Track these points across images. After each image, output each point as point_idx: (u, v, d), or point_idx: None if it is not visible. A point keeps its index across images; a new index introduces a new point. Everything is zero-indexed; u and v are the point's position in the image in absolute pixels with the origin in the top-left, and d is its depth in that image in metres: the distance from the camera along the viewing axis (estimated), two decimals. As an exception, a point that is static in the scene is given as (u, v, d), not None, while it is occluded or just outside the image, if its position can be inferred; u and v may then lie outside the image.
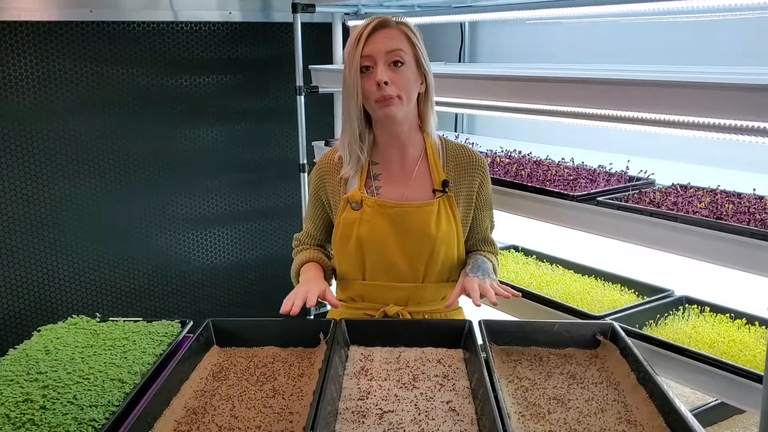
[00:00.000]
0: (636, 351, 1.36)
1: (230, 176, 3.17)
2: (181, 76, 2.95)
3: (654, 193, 1.69)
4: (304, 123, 2.88)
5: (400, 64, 1.50)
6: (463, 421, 1.20)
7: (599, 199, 1.66)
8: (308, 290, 1.52)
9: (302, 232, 1.79)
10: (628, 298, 1.89)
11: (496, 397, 1.17)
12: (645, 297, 1.88)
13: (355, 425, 1.18)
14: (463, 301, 1.78)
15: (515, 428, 1.15)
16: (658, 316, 1.76)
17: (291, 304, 1.48)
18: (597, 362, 1.43)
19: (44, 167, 2.76)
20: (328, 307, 1.82)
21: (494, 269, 1.67)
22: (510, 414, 1.19)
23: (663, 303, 1.82)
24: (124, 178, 2.93)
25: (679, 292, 1.89)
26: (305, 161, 2.93)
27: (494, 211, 1.71)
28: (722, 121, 1.38)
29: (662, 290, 1.89)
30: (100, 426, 1.13)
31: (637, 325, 1.67)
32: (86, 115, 2.80)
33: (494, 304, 1.51)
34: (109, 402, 1.20)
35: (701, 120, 1.41)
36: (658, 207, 1.55)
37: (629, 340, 1.41)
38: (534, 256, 2.30)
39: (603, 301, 1.84)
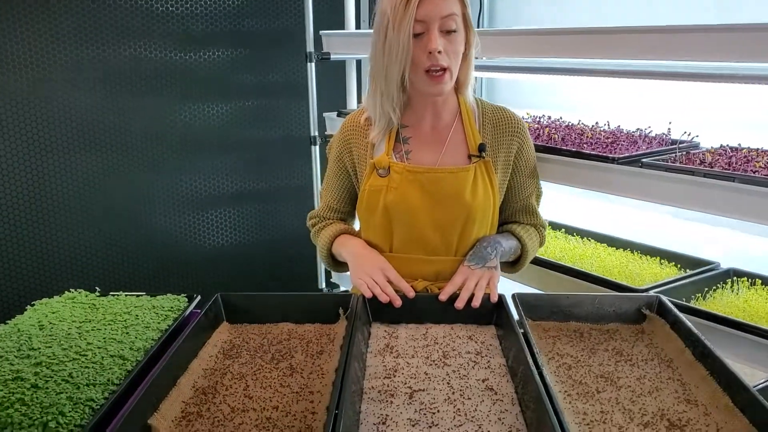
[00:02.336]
0: (690, 325, 1.25)
1: (236, 154, 3.05)
2: (184, 50, 2.83)
3: (704, 154, 1.57)
4: (315, 92, 2.76)
5: (452, 32, 1.38)
6: (503, 401, 1.09)
7: (644, 161, 1.54)
8: (385, 268, 1.44)
9: (321, 207, 1.67)
10: (670, 271, 1.77)
11: (540, 375, 1.07)
12: (687, 270, 1.76)
13: (383, 405, 1.08)
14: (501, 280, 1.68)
15: (563, 408, 1.04)
16: (706, 289, 1.64)
17: (385, 295, 1.38)
18: (644, 338, 1.32)
19: (43, 142, 2.66)
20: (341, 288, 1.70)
21: (522, 247, 1.56)
22: (554, 393, 1.09)
23: (709, 276, 1.70)
24: (125, 155, 2.82)
25: (723, 265, 1.77)
26: (316, 133, 2.81)
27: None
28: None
29: (707, 263, 1.77)
30: (98, 406, 1.03)
31: (683, 299, 1.55)
32: (87, 91, 2.69)
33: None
34: (108, 381, 1.10)
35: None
36: (712, 168, 1.43)
37: (681, 314, 1.30)
38: (562, 230, 2.18)
39: (642, 275, 1.73)
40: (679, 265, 1.80)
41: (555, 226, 2.22)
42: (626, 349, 1.28)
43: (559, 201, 2.04)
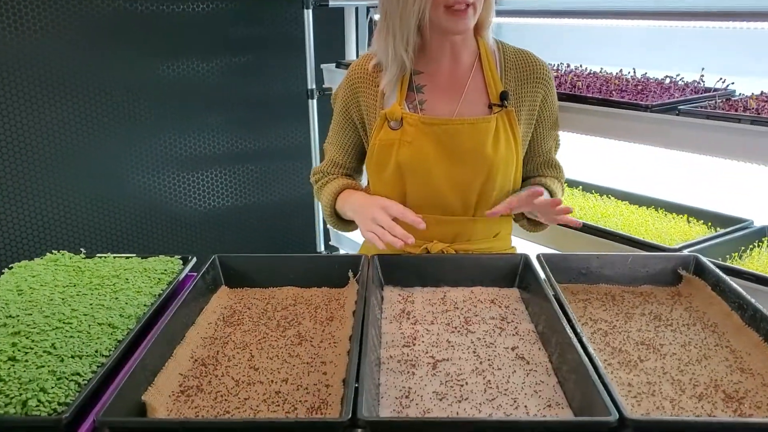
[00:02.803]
0: (736, 286, 1.15)
1: (230, 111, 2.88)
2: (173, 1, 2.64)
3: (746, 100, 1.45)
4: (312, 43, 2.60)
5: None
6: (537, 371, 0.99)
7: (682, 108, 1.41)
8: (386, 206, 1.29)
9: (325, 162, 1.54)
10: (700, 230, 1.67)
11: (581, 342, 0.96)
12: (718, 229, 1.65)
13: (404, 377, 0.98)
14: (517, 242, 1.56)
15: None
16: (742, 248, 1.54)
17: (393, 237, 1.24)
18: (682, 301, 1.22)
19: (23, 98, 2.49)
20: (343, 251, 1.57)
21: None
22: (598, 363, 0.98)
23: (744, 234, 1.60)
24: (112, 112, 2.66)
25: (757, 223, 1.66)
26: (314, 86, 2.66)
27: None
28: None
29: (739, 220, 1.66)
30: (85, 382, 0.92)
31: (719, 259, 1.45)
32: (71, 44, 2.51)
33: (575, 225, 1.29)
34: (96, 352, 0.99)
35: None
36: (759, 115, 1.31)
37: (723, 274, 1.20)
38: (580, 187, 2.07)
39: (671, 234, 1.62)
40: (709, 223, 1.69)
41: (571, 183, 2.11)
42: (664, 313, 1.18)
43: (572, 156, 1.92)
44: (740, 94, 1.61)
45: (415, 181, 1.37)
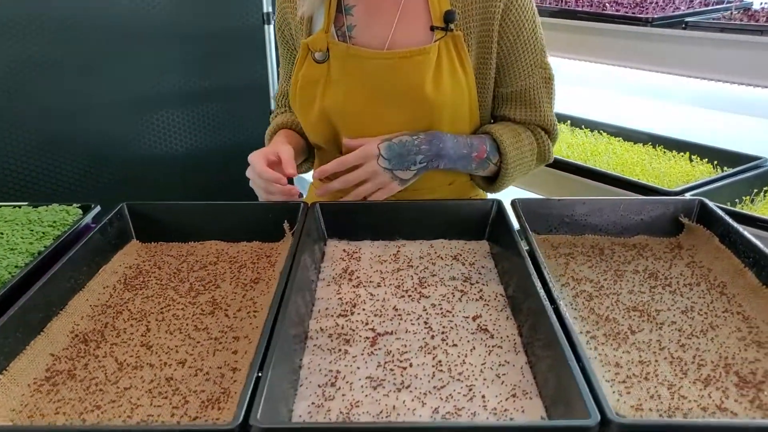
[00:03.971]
0: (749, 236, 0.95)
1: (180, 47, 2.59)
2: None
3: (765, 11, 1.22)
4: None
5: None
6: (502, 348, 0.80)
7: (689, 20, 1.19)
8: (252, 161, 1.08)
9: (276, 93, 1.35)
10: (704, 170, 1.46)
11: (557, 311, 0.77)
12: (726, 168, 1.45)
13: (334, 356, 0.79)
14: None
15: (588, 358, 0.75)
16: (755, 191, 1.34)
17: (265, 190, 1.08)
18: (683, 255, 1.03)
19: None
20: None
21: (502, 158, 1.16)
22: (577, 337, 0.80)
23: (755, 175, 1.40)
24: (52, 50, 2.36)
25: (771, 161, 1.47)
26: (270, 9, 2.38)
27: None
28: None
29: (751, 158, 1.46)
30: None
31: (727, 204, 1.25)
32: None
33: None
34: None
35: None
36: (782, 27, 1.09)
37: (733, 222, 1.00)
38: (568, 122, 1.85)
39: (671, 175, 1.42)
40: (715, 162, 1.49)
41: (559, 118, 1.89)
42: (662, 270, 0.99)
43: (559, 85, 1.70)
44: (762, 3, 1.38)
45: (346, 127, 1.14)
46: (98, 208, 1.13)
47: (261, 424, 0.58)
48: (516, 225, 1.03)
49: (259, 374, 0.66)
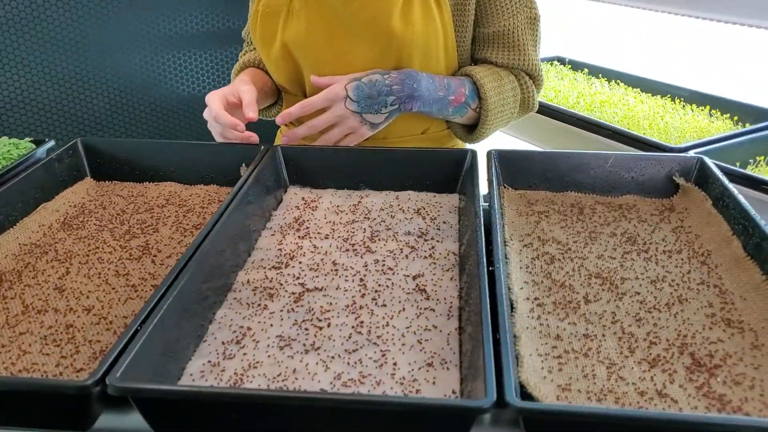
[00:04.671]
0: (742, 200, 0.85)
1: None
2: None
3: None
4: None
5: None
6: (435, 311, 0.73)
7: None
8: (208, 100, 1.01)
9: (244, 28, 1.26)
10: (723, 125, 1.33)
11: (492, 273, 0.69)
12: (747, 124, 1.31)
13: (250, 311, 0.73)
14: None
15: (521, 328, 0.68)
16: (772, 151, 1.21)
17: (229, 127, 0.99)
18: (672, 218, 0.93)
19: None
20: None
21: (483, 102, 1.05)
22: (517, 301, 0.72)
23: (776, 132, 1.26)
24: None
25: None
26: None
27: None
28: None
29: (774, 114, 1.31)
30: None
31: (737, 164, 1.13)
32: None
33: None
34: None
35: None
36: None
37: (730, 184, 0.89)
38: (585, 70, 1.72)
39: (684, 129, 1.29)
40: (736, 117, 1.35)
41: (575, 66, 1.75)
42: (643, 233, 0.89)
43: (581, 33, 1.56)
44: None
45: (309, 66, 1.05)
46: (52, 143, 1.09)
47: (118, 383, 0.53)
48: (487, 176, 0.95)
49: (140, 327, 0.60)
